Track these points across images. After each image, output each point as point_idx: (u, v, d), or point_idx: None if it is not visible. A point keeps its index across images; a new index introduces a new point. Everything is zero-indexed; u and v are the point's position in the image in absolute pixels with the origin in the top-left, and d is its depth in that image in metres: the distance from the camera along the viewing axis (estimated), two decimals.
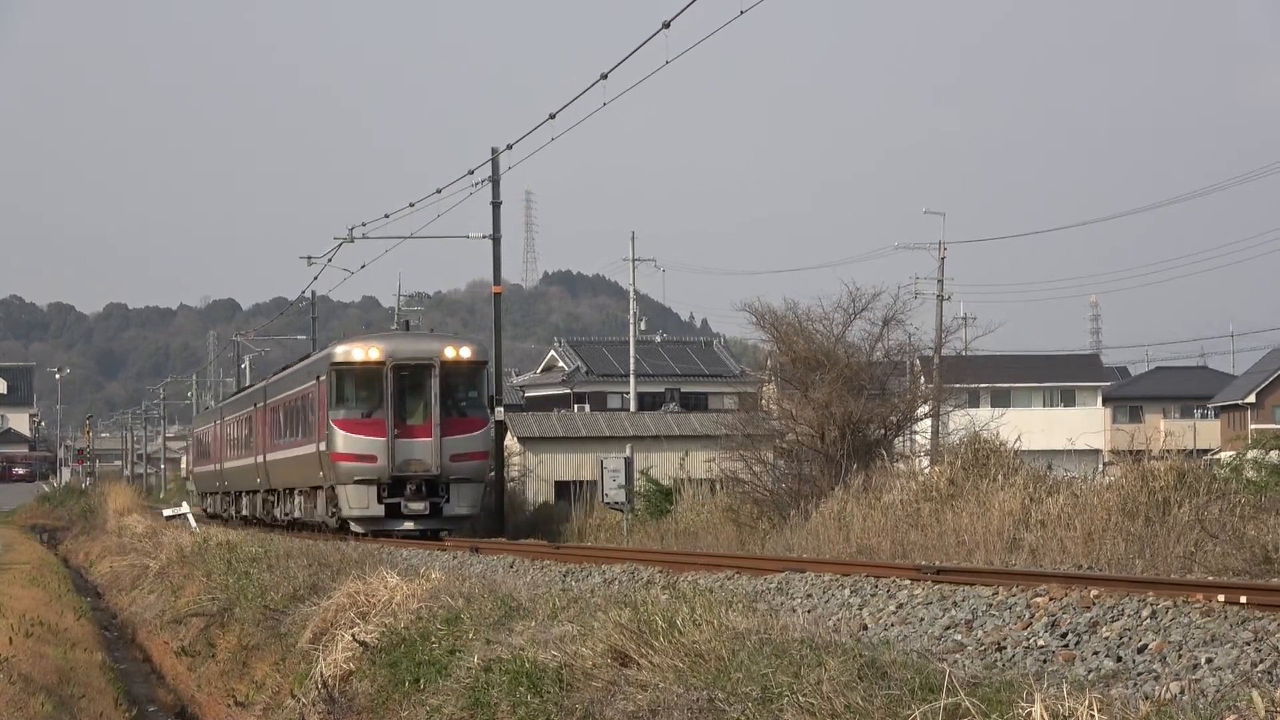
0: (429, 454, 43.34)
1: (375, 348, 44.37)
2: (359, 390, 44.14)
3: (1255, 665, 12.62)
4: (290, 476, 51.60)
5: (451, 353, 44.23)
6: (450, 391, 43.97)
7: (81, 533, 74.98)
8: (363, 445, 43.45)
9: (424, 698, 16.78)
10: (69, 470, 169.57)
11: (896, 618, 17.35)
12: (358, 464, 43.31)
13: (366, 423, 43.63)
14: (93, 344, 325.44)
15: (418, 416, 43.69)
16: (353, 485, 43.41)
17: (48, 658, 26.13)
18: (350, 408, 44.07)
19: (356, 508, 43.41)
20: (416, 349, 44.57)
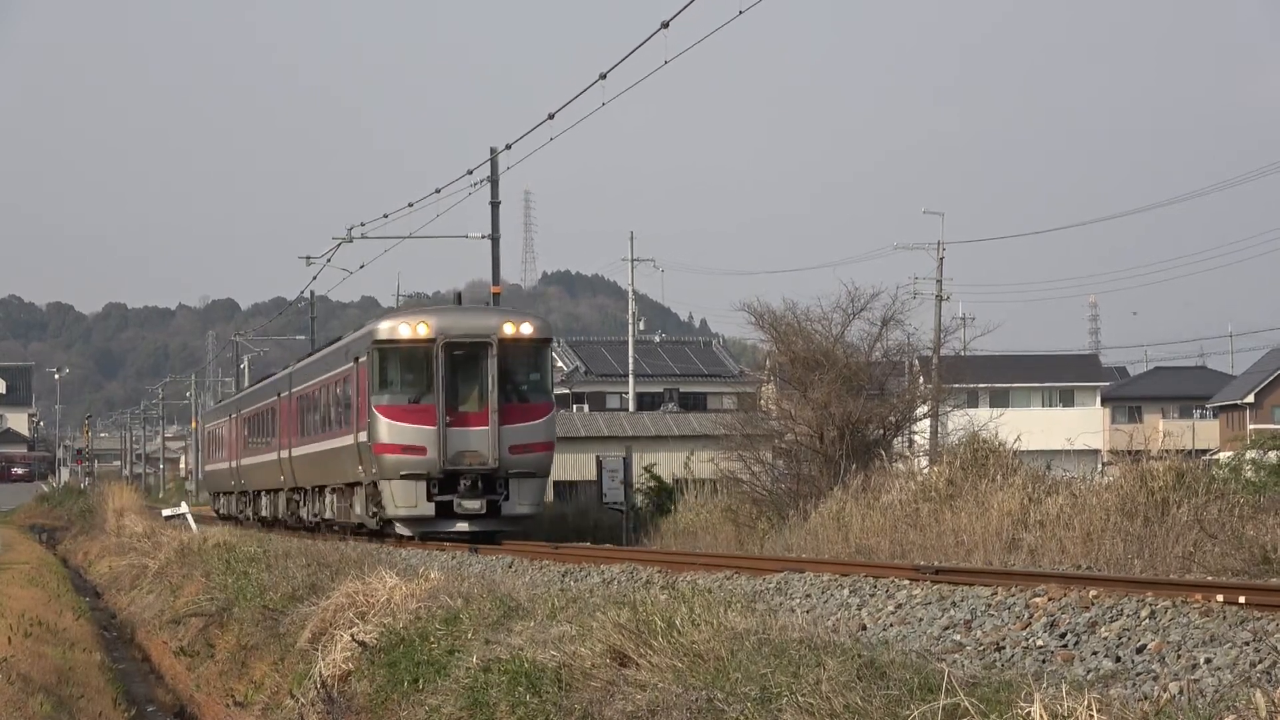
0: (485, 445, 38.05)
1: (424, 322, 38.84)
2: (405, 372, 38.98)
3: (1254, 665, 12.62)
4: (321, 473, 46.94)
5: (511, 328, 38.78)
6: (510, 373, 38.73)
7: (80, 533, 74.94)
8: (410, 435, 38.30)
9: (423, 698, 16.78)
10: (68, 470, 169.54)
11: (895, 618, 17.36)
12: (404, 456, 38.26)
13: (414, 409, 38.48)
14: (92, 344, 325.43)
15: (472, 402, 38.47)
16: (398, 481, 38.26)
17: (47, 657, 26.13)
18: (395, 392, 38.86)
19: (403, 506, 38.41)
20: (471, 324, 39.08)
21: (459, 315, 39.91)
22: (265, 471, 57.23)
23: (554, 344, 41.21)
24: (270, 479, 56.34)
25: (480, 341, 38.41)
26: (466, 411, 38.25)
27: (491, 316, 39.87)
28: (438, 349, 38.23)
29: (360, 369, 40.21)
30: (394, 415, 38.47)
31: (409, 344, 38.65)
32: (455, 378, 38.33)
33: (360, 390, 40.29)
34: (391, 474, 38.27)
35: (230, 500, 69.95)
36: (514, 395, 38.56)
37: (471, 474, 38.02)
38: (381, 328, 39.31)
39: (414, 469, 38.11)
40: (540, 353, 39.47)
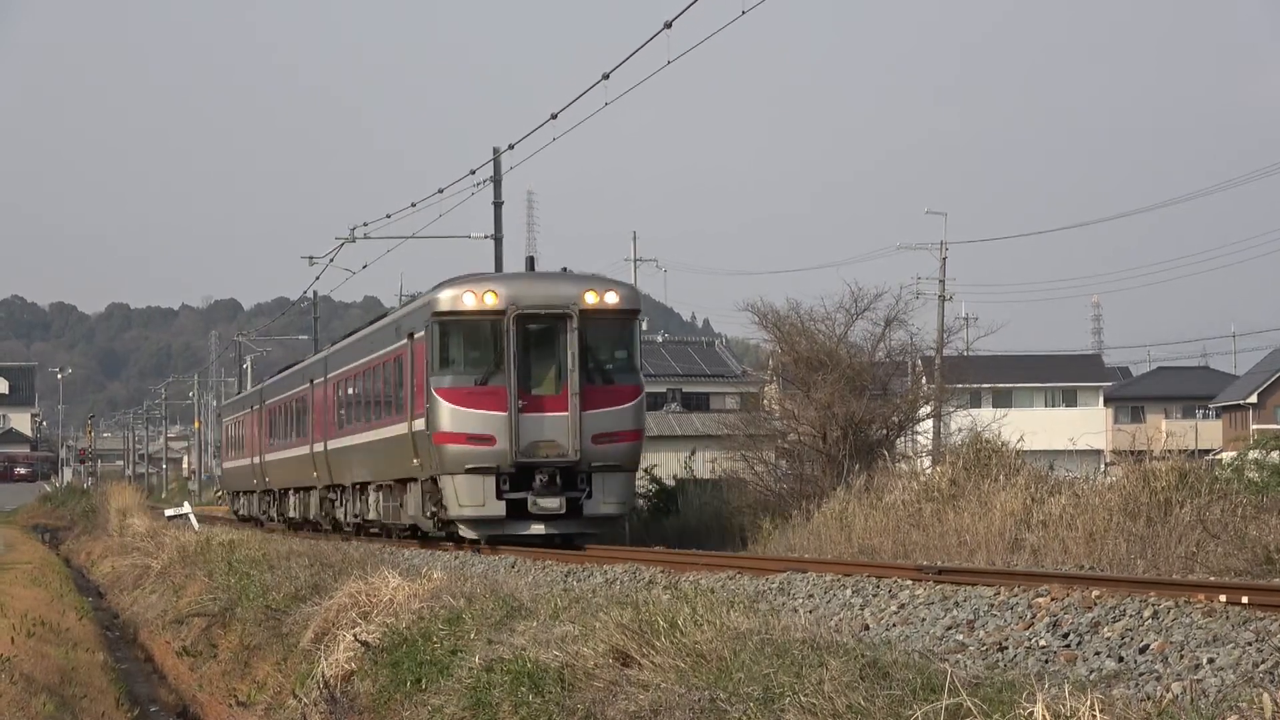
0: (564, 433, 33.19)
1: (492, 291, 33.68)
2: (471, 349, 34.07)
3: (1257, 666, 12.61)
4: (365, 468, 41.73)
5: (594, 297, 33.71)
6: (592, 349, 33.82)
7: (83, 532, 75.02)
8: (477, 422, 33.29)
9: (426, 698, 16.78)
10: (71, 470, 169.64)
11: (898, 618, 17.35)
12: (469, 447, 33.21)
13: (481, 392, 33.46)
14: (94, 344, 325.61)
15: (549, 384, 33.62)
16: (463, 476, 33.29)
17: (50, 657, 26.15)
18: (459, 373, 33.76)
19: (468, 506, 33.36)
20: (547, 293, 33.79)
21: (532, 283, 34.43)
22: (294, 468, 52.51)
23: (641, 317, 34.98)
24: (300, 476, 51.59)
25: (558, 313, 33.45)
26: (542, 395, 33.47)
27: (570, 284, 34.33)
28: (508, 322, 33.21)
29: (416, 347, 35.33)
30: (458, 399, 33.64)
31: (475, 316, 33.65)
32: (528, 355, 33.51)
33: (416, 371, 35.30)
34: (455, 468, 33.41)
35: (252, 500, 65.18)
36: (597, 375, 33.78)
37: (548, 467, 33.20)
38: (442, 297, 34.08)
39: (481, 462, 33.19)
40: (627, 326, 34.39)
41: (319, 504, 48.53)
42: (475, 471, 33.13)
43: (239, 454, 67.57)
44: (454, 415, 33.46)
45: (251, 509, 64.65)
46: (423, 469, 35.00)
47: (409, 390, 35.83)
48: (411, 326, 35.88)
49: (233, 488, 71.92)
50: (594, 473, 33.31)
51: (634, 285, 35.91)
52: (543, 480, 33.05)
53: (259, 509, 62.12)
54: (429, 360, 34.02)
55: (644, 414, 34.73)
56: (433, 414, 33.76)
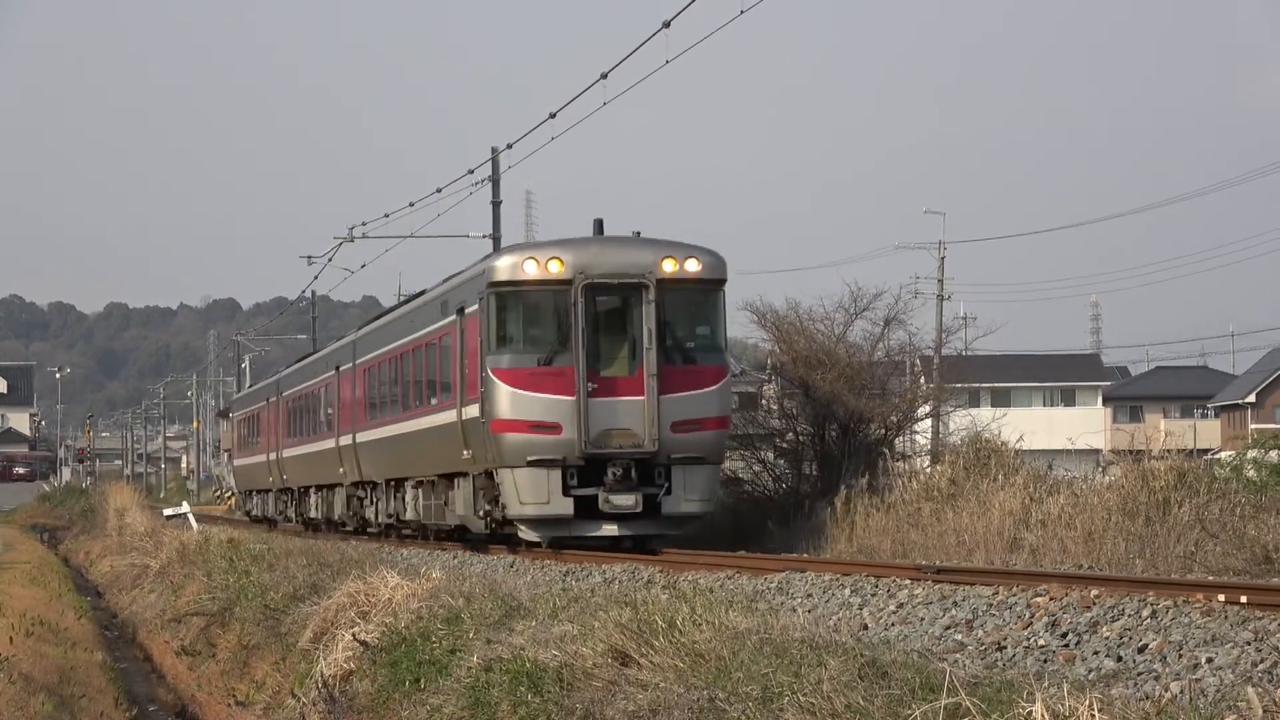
0: (640, 421, 29.47)
1: (557, 258, 29.82)
2: (532, 325, 30.37)
3: (1256, 665, 12.62)
4: (403, 461, 38.01)
5: (672, 265, 30.00)
6: (671, 325, 30.16)
7: (82, 532, 74.99)
8: (540, 408, 29.60)
9: (424, 697, 16.79)
10: (69, 470, 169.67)
11: (897, 617, 17.36)
12: (532, 437, 29.55)
13: (545, 374, 29.79)
14: (93, 343, 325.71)
15: (621, 364, 29.84)
16: (524, 470, 29.59)
17: (48, 657, 26.14)
18: (519, 351, 30.07)
19: (530, 504, 29.67)
20: (620, 259, 29.99)
21: (603, 248, 30.41)
22: (317, 464, 48.58)
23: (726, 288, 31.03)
24: (323, 473, 47.70)
25: (632, 282, 29.76)
26: (614, 377, 29.73)
27: (646, 249, 30.37)
28: (576, 293, 29.49)
29: (467, 323, 31.67)
30: (518, 382, 29.87)
31: (538, 286, 29.92)
32: (598, 331, 29.82)
33: (467, 351, 31.57)
34: (515, 460, 29.63)
35: (267, 500, 61.03)
36: (677, 354, 30.04)
37: (622, 459, 29.45)
38: (500, 266, 30.37)
39: (545, 453, 29.50)
40: (711, 298, 30.61)
41: (345, 503, 45.07)
42: (538, 464, 29.50)
43: (252, 450, 63.41)
44: (514, 400, 29.76)
45: (266, 509, 61.11)
46: (475, 462, 31.39)
47: (458, 373, 32.31)
48: (461, 300, 32.18)
49: (245, 487, 68.07)
50: (673, 465, 29.70)
51: (718, 252, 30.82)
52: (616, 474, 29.34)
53: (275, 509, 58.69)
54: (484, 338, 30.38)
55: (730, 399, 31.35)
56: (489, 399, 30.08)
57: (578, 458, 29.40)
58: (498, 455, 29.95)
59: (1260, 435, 30.22)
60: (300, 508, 53.39)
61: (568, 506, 29.51)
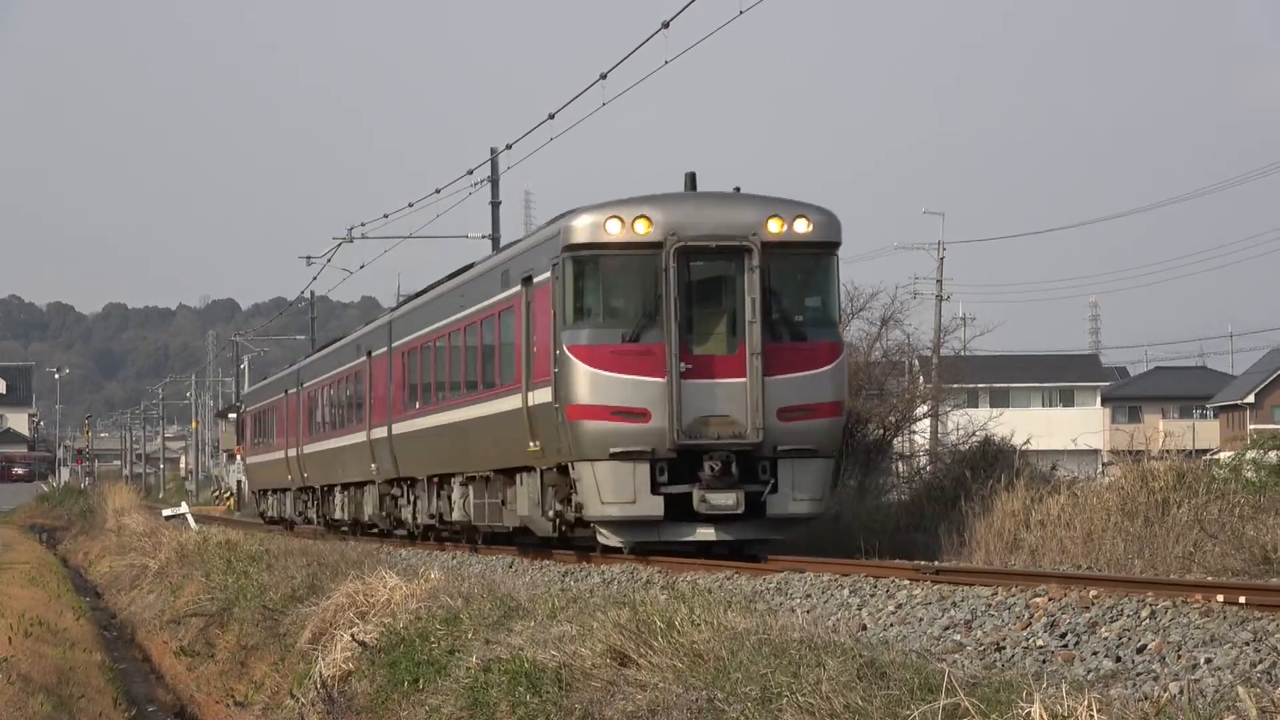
0: (741, 406, 25.66)
1: (645, 217, 26.01)
2: (615, 295, 26.60)
3: (1254, 665, 12.61)
4: (451, 455, 34.01)
5: (779, 225, 26.16)
6: (778, 295, 26.24)
7: (81, 532, 74.92)
8: (626, 392, 25.81)
9: (423, 698, 16.79)
10: (68, 470, 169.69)
11: (895, 618, 17.35)
12: (616, 425, 25.75)
13: (631, 352, 25.94)
14: (92, 344, 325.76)
15: (718, 340, 26.06)
16: (607, 464, 25.75)
17: (47, 657, 26.12)
18: (601, 326, 26.20)
19: (613, 502, 25.81)
20: (720, 219, 26.20)
21: (698, 206, 26.54)
22: (343, 460, 44.67)
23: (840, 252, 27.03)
24: (352, 470, 43.77)
25: (733, 245, 25.96)
26: (711, 355, 26.01)
27: (749, 207, 26.55)
28: (668, 257, 25.70)
29: (536, 294, 27.78)
30: (600, 361, 26.02)
31: (622, 250, 26.11)
32: (693, 302, 26.08)
33: (536, 326, 27.81)
34: (596, 451, 25.86)
35: (284, 500, 56.89)
36: (784, 330, 26.23)
37: (721, 452, 25.62)
38: (578, 226, 26.33)
39: (632, 444, 25.68)
40: (823, 263, 26.78)
41: (377, 502, 41.15)
42: (623, 457, 25.65)
43: (268, 447, 59.07)
44: (595, 382, 25.95)
45: (284, 510, 56.91)
46: (544, 455, 27.52)
47: (523, 353, 28.37)
48: (528, 268, 28.25)
49: (259, 486, 63.28)
50: (780, 459, 25.88)
51: (831, 210, 26.90)
52: (713, 469, 25.52)
53: (293, 510, 54.49)
54: (558, 310, 26.50)
55: (845, 381, 27.34)
56: (564, 381, 26.19)
57: (668, 450, 25.60)
58: (574, 446, 26.08)
59: (1260, 436, 30.17)
60: (323, 508, 49.47)
61: (657, 507, 25.64)
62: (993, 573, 19.90)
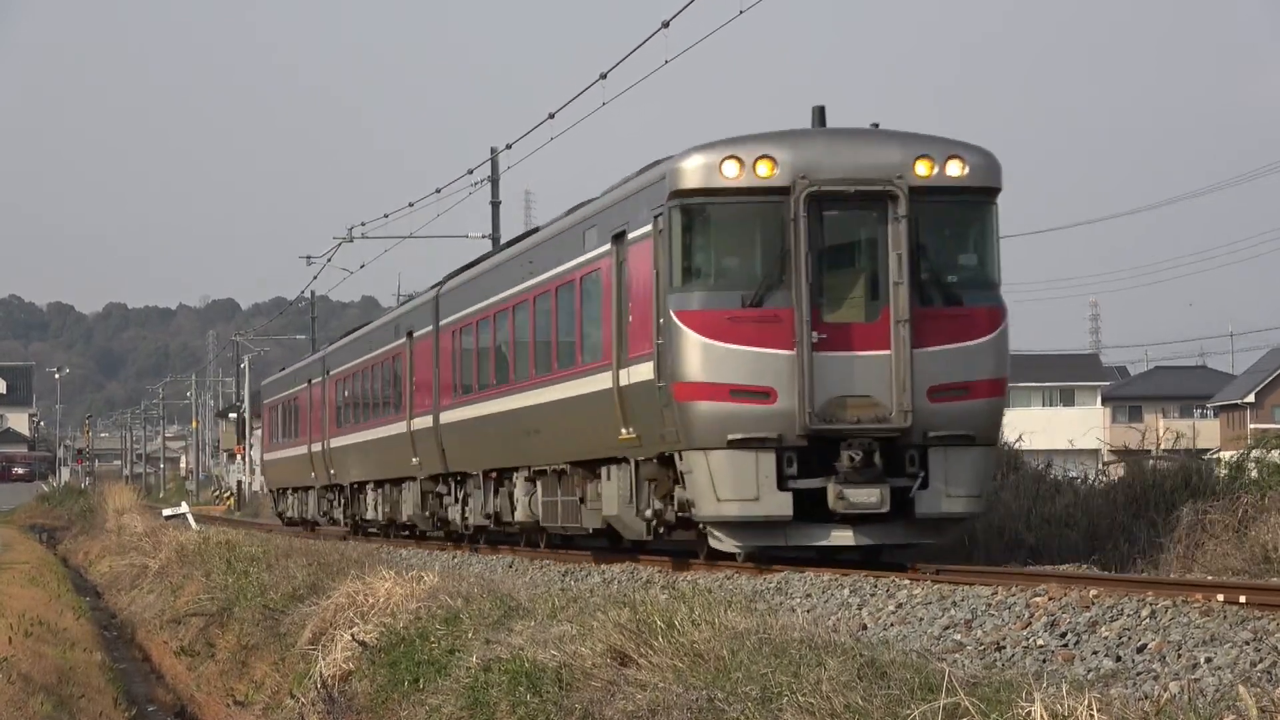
0: (885, 384, 21.73)
1: (768, 158, 21.93)
2: (732, 251, 22.48)
3: (1254, 665, 12.61)
4: (516, 446, 29.64)
5: (928, 168, 22.22)
6: (929, 251, 22.24)
7: (81, 532, 74.91)
8: (746, 366, 21.77)
9: (423, 697, 16.79)
10: (68, 470, 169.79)
11: (896, 617, 17.35)
12: (734, 406, 21.71)
13: (751, 319, 21.85)
14: (92, 344, 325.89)
15: (857, 305, 22.08)
16: (723, 453, 21.66)
17: (47, 657, 26.13)
18: (715, 288, 22.12)
19: (732, 499, 21.71)
20: (858, 160, 22.18)
21: (832, 144, 22.45)
22: (379, 454, 40.65)
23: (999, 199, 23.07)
24: (388, 465, 39.85)
25: (875, 191, 21.98)
26: (848, 323, 21.98)
27: (892, 145, 22.50)
28: (797, 205, 21.76)
29: (632, 253, 23.70)
30: (715, 329, 21.92)
31: (742, 196, 22.05)
32: (826, 260, 22.06)
33: (633, 290, 23.67)
34: (710, 439, 21.77)
35: (306, 500, 52.73)
36: (936, 293, 22.24)
37: (861, 439, 21.58)
38: (689, 168, 22.28)
39: (754, 429, 21.63)
40: (981, 213, 22.84)
41: (419, 501, 37.13)
42: (744, 445, 21.61)
43: (288, 442, 54.42)
44: (708, 355, 21.89)
45: (305, 510, 52.74)
46: (640, 443, 23.72)
47: (613, 323, 24.37)
48: (621, 222, 24.22)
49: (278, 485, 59.11)
50: (931, 448, 21.97)
51: (988, 150, 23.17)
52: (853, 460, 21.49)
53: (318, 510, 50.13)
54: (663, 269, 22.55)
55: (1007, 354, 22.91)
56: (672, 354, 22.18)
57: (798, 436, 21.61)
58: (683, 432, 22.07)
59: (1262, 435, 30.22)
60: (353, 508, 45.12)
61: (784, 505, 21.63)
62: (993, 572, 19.89)
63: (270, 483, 62.82)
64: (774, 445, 21.65)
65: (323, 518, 49.92)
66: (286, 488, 57.27)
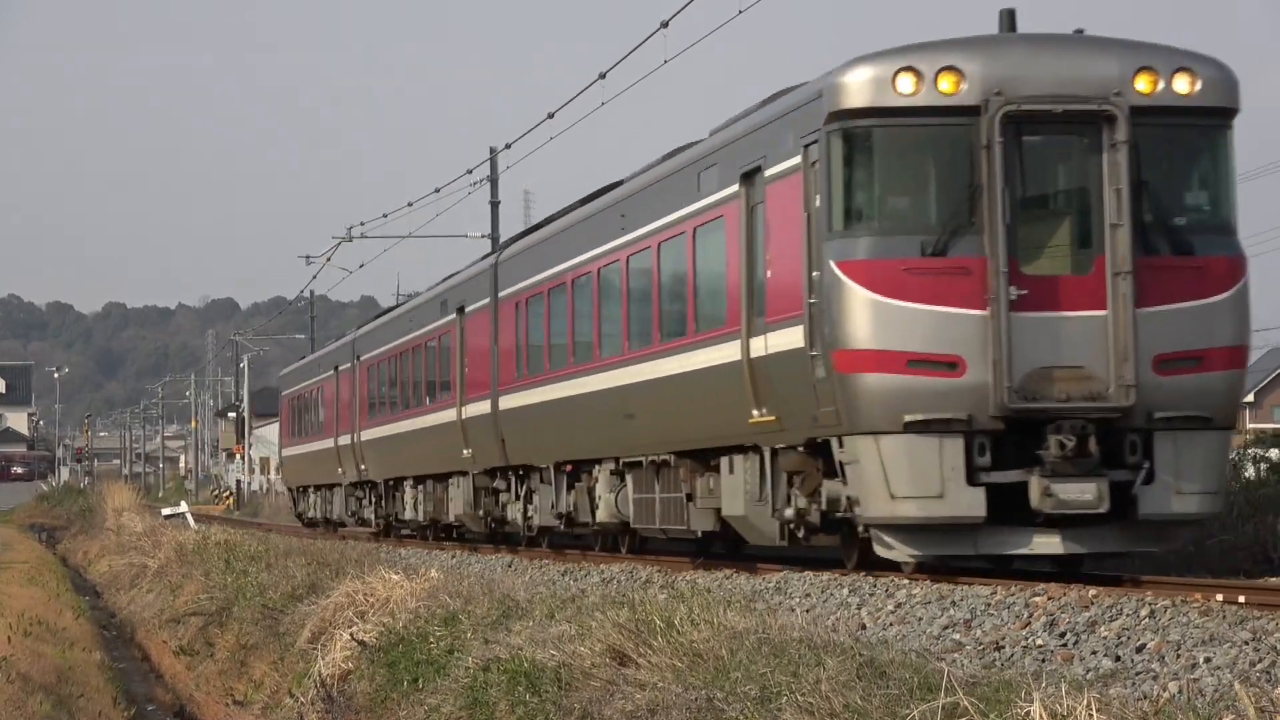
0: (1100, 353, 17.92)
1: (952, 70, 18.10)
2: (902, 185, 18.47)
3: (1253, 665, 12.61)
4: (602, 433, 25.60)
5: (1149, 83, 18.33)
6: (1153, 187, 18.36)
7: (80, 532, 74.92)
8: (927, 329, 17.94)
9: (422, 697, 16.79)
10: (67, 469, 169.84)
11: (895, 617, 17.33)
12: (912, 379, 17.93)
13: (932, 271, 17.98)
14: (91, 343, 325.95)
15: (1060, 255, 18.25)
16: (898, 439, 17.86)
17: (46, 657, 26.12)
18: (883, 230, 18.21)
19: (910, 495, 17.84)
20: (1064, 72, 18.33)
21: (1031, 53, 18.52)
22: (420, 447, 36.59)
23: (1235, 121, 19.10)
24: (432, 458, 35.71)
25: (1087, 111, 18.10)
26: (1052, 275, 18.10)
27: (1107, 56, 18.52)
28: (991, 128, 17.91)
29: (772, 194, 19.52)
30: (887, 284, 17.93)
31: (919, 118, 18.14)
32: (1022, 197, 18.15)
33: (773, 239, 19.52)
34: (883, 420, 17.84)
35: (331, 499, 48.67)
36: (1162, 239, 18.33)
37: (1071, 421, 17.67)
38: (853, 83, 18.23)
39: (937, 409, 17.75)
40: (1216, 140, 18.91)
41: (470, 499, 33.02)
42: (924, 429, 17.71)
43: (311, 435, 50.24)
44: (880, 316, 17.89)
45: (330, 510, 48.79)
46: (780, 427, 19.58)
47: (744, 280, 20.30)
48: (756, 157, 20.04)
49: (298, 483, 54.68)
50: (1158, 432, 18.01)
51: (1222, 62, 19.10)
52: (1063, 447, 17.60)
53: (345, 509, 46.03)
54: (818, 211, 18.43)
55: (1249, 315, 18.76)
56: (831, 314, 18.15)
57: (992, 418, 17.75)
58: (845, 412, 18.11)
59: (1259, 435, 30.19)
60: (386, 507, 41.39)
61: (976, 503, 17.73)
62: (992, 572, 19.88)
63: (289, 480, 57.86)
64: (962, 429, 17.72)
65: (350, 518, 45.92)
66: (308, 486, 52.67)
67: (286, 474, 58.59)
